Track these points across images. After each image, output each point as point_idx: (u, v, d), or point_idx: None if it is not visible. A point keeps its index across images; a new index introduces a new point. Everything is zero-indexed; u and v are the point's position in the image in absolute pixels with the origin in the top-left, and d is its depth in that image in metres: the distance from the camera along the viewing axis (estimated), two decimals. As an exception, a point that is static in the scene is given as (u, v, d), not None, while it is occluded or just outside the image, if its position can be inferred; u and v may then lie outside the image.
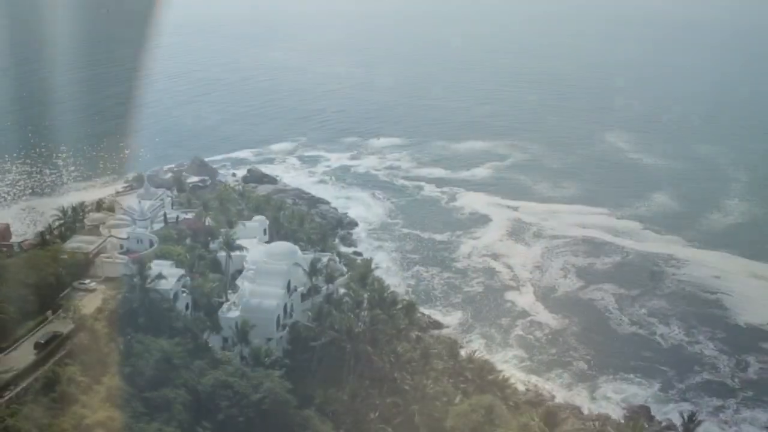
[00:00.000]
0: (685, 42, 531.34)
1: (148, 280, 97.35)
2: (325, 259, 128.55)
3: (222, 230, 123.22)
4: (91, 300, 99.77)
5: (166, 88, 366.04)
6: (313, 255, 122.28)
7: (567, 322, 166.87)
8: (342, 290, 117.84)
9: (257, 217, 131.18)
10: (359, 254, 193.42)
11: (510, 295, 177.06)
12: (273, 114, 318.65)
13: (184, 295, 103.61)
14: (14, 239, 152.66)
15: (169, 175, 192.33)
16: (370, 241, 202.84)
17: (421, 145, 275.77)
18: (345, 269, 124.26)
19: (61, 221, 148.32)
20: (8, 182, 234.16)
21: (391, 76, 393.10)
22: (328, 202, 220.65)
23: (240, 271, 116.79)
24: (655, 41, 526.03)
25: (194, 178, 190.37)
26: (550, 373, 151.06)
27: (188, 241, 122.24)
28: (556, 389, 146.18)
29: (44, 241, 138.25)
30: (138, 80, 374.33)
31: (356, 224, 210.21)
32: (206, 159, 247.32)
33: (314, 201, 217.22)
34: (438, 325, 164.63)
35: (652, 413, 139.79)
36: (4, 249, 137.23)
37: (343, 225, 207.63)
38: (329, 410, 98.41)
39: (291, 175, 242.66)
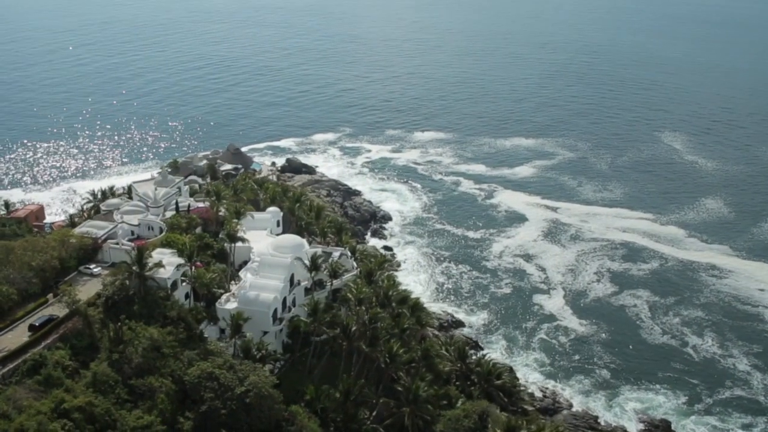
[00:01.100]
0: (744, 40, 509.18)
1: (146, 268, 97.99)
2: (336, 254, 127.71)
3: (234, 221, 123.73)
4: (93, 285, 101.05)
5: (211, 73, 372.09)
6: (320, 249, 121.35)
7: (595, 328, 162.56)
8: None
9: (271, 209, 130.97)
10: (389, 248, 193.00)
11: (538, 298, 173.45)
12: (319, 104, 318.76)
13: (184, 284, 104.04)
14: (49, 220, 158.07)
15: (204, 162, 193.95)
16: (403, 235, 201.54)
17: (465, 140, 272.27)
18: (355, 265, 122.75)
19: (91, 204, 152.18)
20: (53, 163, 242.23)
21: (443, 68, 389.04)
22: (363, 195, 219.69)
23: (247, 262, 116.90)
24: (712, 39, 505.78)
25: (227, 166, 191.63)
26: (570, 379, 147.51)
27: (198, 230, 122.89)
28: (575, 396, 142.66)
29: (73, 222, 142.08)
30: (182, 65, 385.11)
31: (390, 218, 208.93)
32: (250, 146, 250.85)
33: (349, 193, 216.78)
34: (459, 324, 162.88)
35: (673, 427, 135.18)
36: (36, 229, 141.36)
37: (376, 218, 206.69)
38: (319, 407, 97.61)
39: (330, 166, 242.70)
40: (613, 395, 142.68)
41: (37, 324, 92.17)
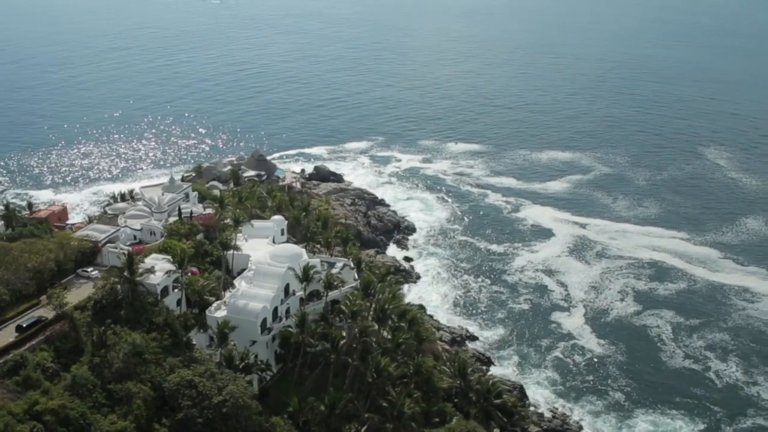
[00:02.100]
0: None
1: (136, 273, 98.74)
2: (340, 265, 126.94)
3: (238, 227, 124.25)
4: (89, 288, 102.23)
5: (248, 79, 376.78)
6: (318, 260, 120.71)
7: (613, 348, 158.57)
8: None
9: (275, 217, 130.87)
10: (410, 259, 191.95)
11: (557, 315, 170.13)
12: (353, 112, 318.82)
13: (176, 291, 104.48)
14: (73, 221, 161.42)
15: (228, 168, 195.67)
16: (426, 246, 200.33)
17: (499, 152, 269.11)
18: (356, 276, 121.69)
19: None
20: (86, 165, 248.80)
21: (481, 79, 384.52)
22: (388, 205, 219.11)
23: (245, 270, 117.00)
24: (759, 52, 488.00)
25: (251, 173, 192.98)
26: (582, 400, 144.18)
27: (200, 236, 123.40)
28: (585, 417, 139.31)
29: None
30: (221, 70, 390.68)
31: (414, 229, 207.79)
32: (281, 153, 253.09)
33: (375, 202, 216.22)
34: (473, 339, 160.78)
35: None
36: (57, 230, 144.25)
37: (400, 228, 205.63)
38: (301, 420, 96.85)
39: (358, 174, 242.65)
40: (625, 418, 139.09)
41: (24, 325, 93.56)
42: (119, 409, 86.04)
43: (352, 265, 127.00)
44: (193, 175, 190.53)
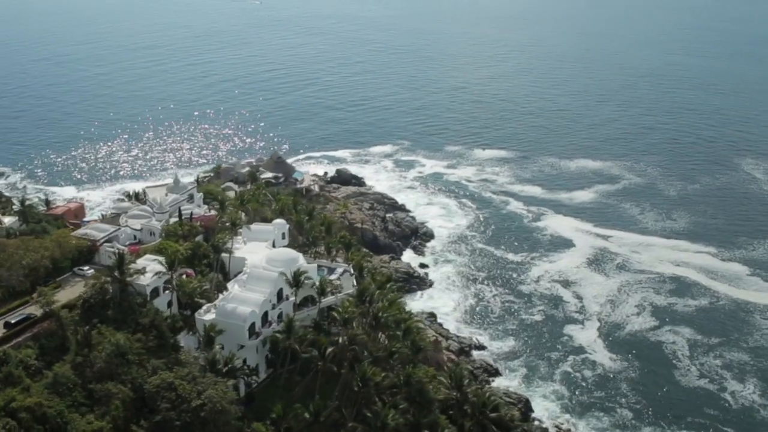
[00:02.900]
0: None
1: (126, 273, 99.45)
2: (340, 270, 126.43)
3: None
4: (81, 287, 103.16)
5: (278, 78, 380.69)
6: (315, 264, 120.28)
7: (625, 364, 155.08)
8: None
9: (277, 221, 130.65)
10: (425, 266, 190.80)
11: (570, 328, 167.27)
12: (380, 116, 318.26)
13: (167, 292, 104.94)
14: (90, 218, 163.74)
15: (246, 169, 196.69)
16: (443, 253, 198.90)
17: (527, 160, 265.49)
18: (354, 283, 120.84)
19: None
20: (112, 163, 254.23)
21: (513, 84, 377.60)
22: (408, 210, 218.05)
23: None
24: None
25: (268, 174, 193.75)
26: (588, 415, 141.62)
27: (200, 238, 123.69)
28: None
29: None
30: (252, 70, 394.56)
31: (432, 235, 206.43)
32: (306, 155, 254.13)
33: (394, 207, 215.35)
34: (481, 348, 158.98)
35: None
36: (71, 227, 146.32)
37: (417, 234, 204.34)
38: (283, 426, 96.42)
39: (381, 178, 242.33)
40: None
41: (12, 321, 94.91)
42: (98, 409, 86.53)
43: (351, 271, 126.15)
44: (212, 175, 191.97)
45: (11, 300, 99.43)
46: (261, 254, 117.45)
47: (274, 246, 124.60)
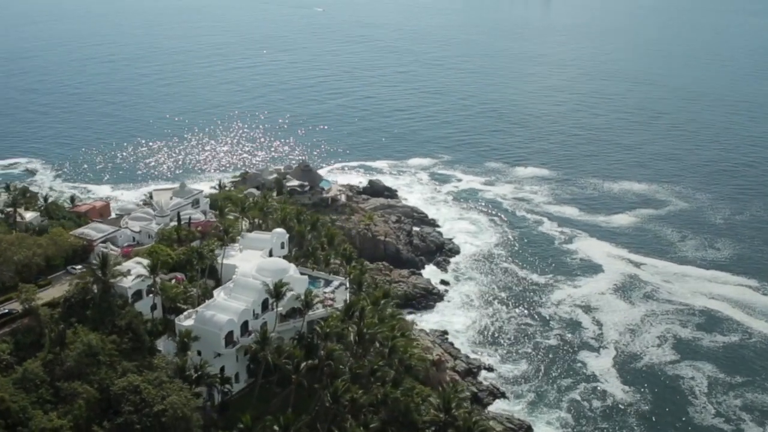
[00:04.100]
0: None
1: (109, 274, 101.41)
2: (336, 284, 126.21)
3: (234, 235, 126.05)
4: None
5: (323, 84, 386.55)
6: (306, 277, 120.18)
7: (637, 396, 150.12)
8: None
9: (277, 230, 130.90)
10: (446, 282, 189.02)
11: (584, 355, 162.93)
12: (424, 128, 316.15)
13: (151, 296, 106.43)
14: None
15: (273, 176, 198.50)
16: (466, 270, 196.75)
17: (569, 180, 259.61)
18: (347, 297, 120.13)
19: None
20: (149, 164, 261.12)
21: (564, 102, 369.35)
22: (437, 225, 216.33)
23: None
24: None
25: (294, 183, 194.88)
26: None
27: (196, 243, 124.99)
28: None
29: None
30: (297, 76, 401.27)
31: (458, 251, 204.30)
32: (343, 164, 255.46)
33: (423, 221, 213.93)
34: (489, 370, 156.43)
35: None
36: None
37: (443, 250, 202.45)
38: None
39: (414, 190, 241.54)
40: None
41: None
42: (62, 408, 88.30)
43: (347, 284, 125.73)
44: (238, 180, 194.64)
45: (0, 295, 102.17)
46: (254, 263, 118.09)
47: (270, 255, 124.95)
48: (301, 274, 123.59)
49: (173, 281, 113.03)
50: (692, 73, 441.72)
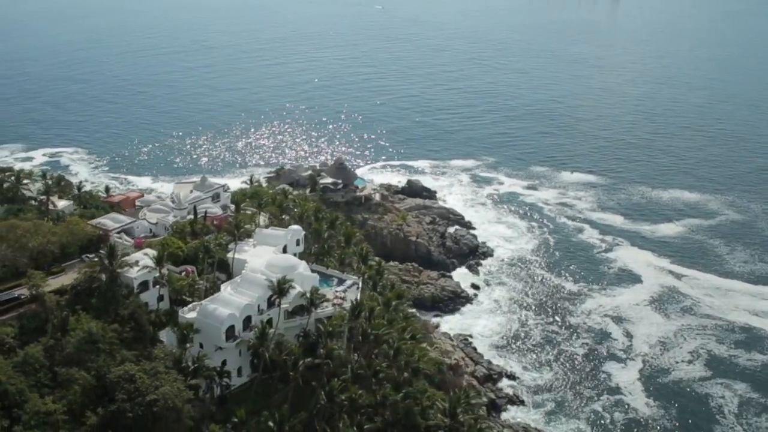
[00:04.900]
0: None
1: (116, 264, 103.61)
2: (348, 283, 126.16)
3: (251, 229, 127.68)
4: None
5: (375, 81, 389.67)
6: (317, 275, 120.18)
7: (661, 412, 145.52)
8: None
9: (293, 227, 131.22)
10: (477, 286, 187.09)
11: (610, 366, 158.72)
12: (471, 128, 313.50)
13: (157, 287, 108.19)
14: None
15: (308, 173, 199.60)
16: (497, 275, 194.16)
17: (616, 186, 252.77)
18: (357, 297, 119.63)
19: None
20: (192, 157, 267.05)
21: (621, 107, 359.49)
22: (473, 227, 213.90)
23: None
24: None
25: (328, 180, 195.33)
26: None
27: (210, 237, 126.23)
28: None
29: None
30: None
31: (492, 254, 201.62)
32: (384, 162, 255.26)
33: (457, 223, 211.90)
34: (511, 377, 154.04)
35: None
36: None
37: (476, 253, 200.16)
38: (243, 431, 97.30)
39: (454, 192, 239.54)
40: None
41: (1, 300, 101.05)
42: (58, 392, 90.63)
43: (360, 284, 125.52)
44: (272, 176, 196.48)
45: (12, 280, 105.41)
46: (264, 258, 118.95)
47: (284, 252, 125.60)
48: (314, 272, 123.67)
49: (183, 273, 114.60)
50: (756, 81, 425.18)
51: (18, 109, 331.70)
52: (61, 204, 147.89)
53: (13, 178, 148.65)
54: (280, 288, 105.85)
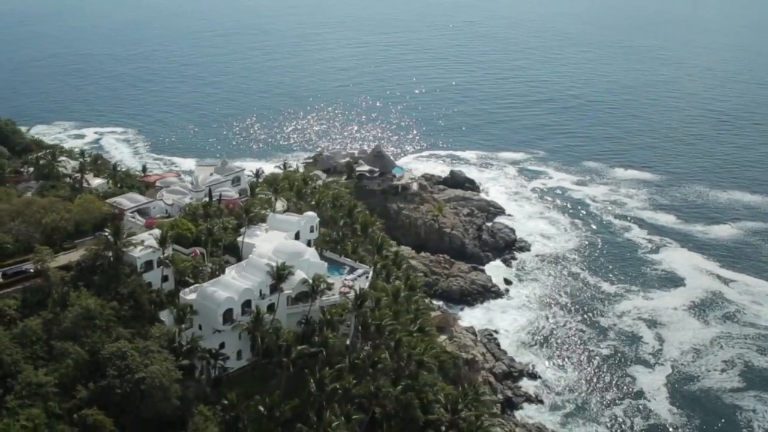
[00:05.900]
0: None
1: (120, 242, 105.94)
2: (360, 272, 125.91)
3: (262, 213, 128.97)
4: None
5: (435, 70, 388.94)
6: (323, 262, 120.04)
7: (684, 420, 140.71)
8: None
9: (308, 213, 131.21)
10: (509, 282, 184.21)
11: (637, 369, 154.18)
12: (527, 120, 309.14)
13: (161, 267, 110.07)
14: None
15: (346, 159, 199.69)
16: (532, 271, 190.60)
17: (671, 185, 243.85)
18: (365, 287, 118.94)
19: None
20: (240, 140, 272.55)
21: (686, 102, 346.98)
22: (512, 221, 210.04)
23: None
24: None
25: (364, 167, 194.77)
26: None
27: (216, 220, 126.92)
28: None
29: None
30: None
31: (528, 249, 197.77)
32: (431, 152, 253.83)
33: (495, 216, 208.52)
34: (532, 376, 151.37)
35: None
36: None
37: (512, 248, 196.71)
38: (231, 414, 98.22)
39: (498, 184, 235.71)
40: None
41: (9, 272, 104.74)
42: (51, 365, 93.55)
43: (370, 273, 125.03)
44: (311, 161, 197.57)
45: (24, 254, 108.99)
46: (273, 244, 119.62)
47: (297, 238, 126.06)
48: (325, 259, 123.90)
49: (191, 255, 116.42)
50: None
51: (70, 88, 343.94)
52: (96, 182, 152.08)
53: (49, 155, 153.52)
54: (279, 274, 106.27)
